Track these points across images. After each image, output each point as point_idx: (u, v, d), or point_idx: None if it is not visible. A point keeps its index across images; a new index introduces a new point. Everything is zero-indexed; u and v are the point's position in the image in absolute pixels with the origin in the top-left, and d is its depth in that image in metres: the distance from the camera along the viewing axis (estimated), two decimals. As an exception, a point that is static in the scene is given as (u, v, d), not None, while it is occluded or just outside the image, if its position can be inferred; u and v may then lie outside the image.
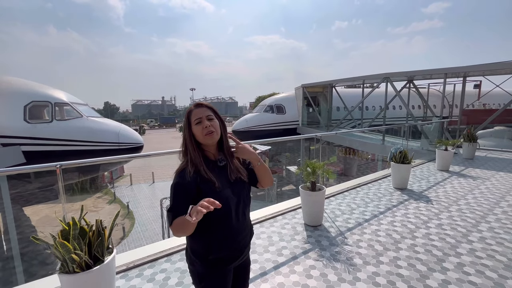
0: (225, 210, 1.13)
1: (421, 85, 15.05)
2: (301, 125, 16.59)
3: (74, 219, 1.65)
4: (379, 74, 11.64)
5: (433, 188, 4.53)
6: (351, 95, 16.88)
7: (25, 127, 7.29)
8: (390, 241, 2.75)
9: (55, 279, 2.12)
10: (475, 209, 3.58)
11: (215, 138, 1.17)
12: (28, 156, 7.41)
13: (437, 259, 2.42)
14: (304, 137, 4.19)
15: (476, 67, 9.01)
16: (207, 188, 1.12)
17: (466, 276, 2.17)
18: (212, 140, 1.17)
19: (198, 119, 1.15)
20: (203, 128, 1.14)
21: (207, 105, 1.20)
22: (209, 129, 1.14)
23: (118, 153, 8.19)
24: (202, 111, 1.17)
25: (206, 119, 1.15)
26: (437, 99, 17.69)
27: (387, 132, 10.03)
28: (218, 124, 1.19)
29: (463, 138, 6.89)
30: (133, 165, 27.53)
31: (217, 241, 1.16)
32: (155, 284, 2.14)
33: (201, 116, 1.15)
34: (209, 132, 1.14)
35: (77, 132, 7.98)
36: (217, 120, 1.19)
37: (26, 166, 2.00)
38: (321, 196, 3.12)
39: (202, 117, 1.15)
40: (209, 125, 1.15)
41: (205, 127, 1.14)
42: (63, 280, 1.56)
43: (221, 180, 1.16)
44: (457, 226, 3.07)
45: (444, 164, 5.68)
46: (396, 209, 3.62)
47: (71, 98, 8.68)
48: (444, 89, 9.43)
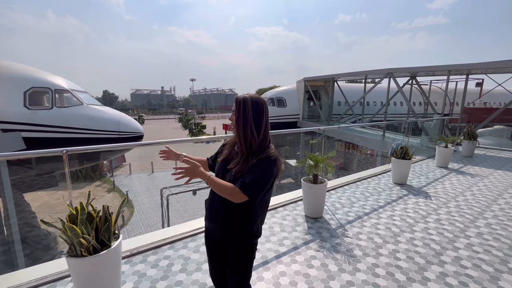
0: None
1: (422, 82, 14.98)
2: (302, 119, 16.55)
3: (82, 204, 1.66)
4: (383, 69, 11.56)
5: (432, 184, 4.58)
6: (352, 90, 16.81)
7: (26, 113, 7.23)
8: (389, 234, 2.81)
9: (62, 262, 2.16)
10: (473, 205, 3.64)
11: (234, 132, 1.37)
12: (28, 142, 7.38)
13: (435, 252, 2.47)
14: (307, 130, 4.19)
15: (480, 65, 8.96)
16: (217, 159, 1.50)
17: (463, 269, 2.22)
18: (232, 130, 1.39)
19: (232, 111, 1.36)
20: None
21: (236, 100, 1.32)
22: (232, 123, 1.37)
23: (120, 141, 8.17)
24: (234, 104, 1.33)
25: (232, 112, 1.35)
26: (438, 97, 17.66)
27: (387, 128, 10.04)
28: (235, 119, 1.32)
29: (463, 136, 6.93)
30: (132, 155, 27.54)
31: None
32: (159, 270, 2.18)
33: (233, 109, 1.35)
34: (230, 124, 1.39)
35: (78, 120, 7.93)
36: (235, 115, 1.32)
37: (32, 151, 2.00)
38: (322, 189, 3.16)
39: (232, 109, 1.35)
40: (231, 119, 1.37)
41: (230, 119, 1.40)
42: (71, 263, 1.59)
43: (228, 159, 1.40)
44: (455, 222, 3.13)
45: (443, 161, 5.73)
46: (396, 204, 3.67)
47: (71, 85, 8.57)
48: (447, 86, 9.40)
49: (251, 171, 1.25)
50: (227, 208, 1.32)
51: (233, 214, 1.33)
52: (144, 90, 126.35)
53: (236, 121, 1.30)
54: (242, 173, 1.26)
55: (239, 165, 1.29)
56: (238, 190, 1.21)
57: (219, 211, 1.36)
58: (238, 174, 1.27)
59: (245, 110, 1.28)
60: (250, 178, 1.23)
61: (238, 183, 1.23)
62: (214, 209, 1.39)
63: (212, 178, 1.25)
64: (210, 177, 1.25)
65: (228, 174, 1.34)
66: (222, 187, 1.24)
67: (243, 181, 1.23)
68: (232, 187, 1.23)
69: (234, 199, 1.22)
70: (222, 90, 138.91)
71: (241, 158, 1.30)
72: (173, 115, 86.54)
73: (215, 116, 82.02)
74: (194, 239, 2.66)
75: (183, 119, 56.24)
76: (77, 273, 1.64)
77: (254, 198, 1.24)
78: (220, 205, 1.34)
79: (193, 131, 43.85)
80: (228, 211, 1.33)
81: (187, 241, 2.61)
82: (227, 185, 1.24)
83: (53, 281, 2.02)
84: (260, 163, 1.26)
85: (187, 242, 2.59)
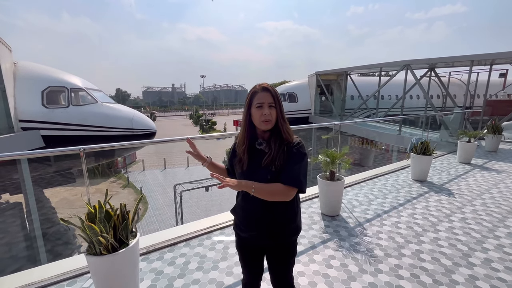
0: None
1: (441, 73, 14.33)
2: (314, 114, 16.29)
3: (100, 202, 1.66)
4: (398, 62, 11.12)
5: (454, 181, 4.37)
6: (366, 83, 16.32)
7: (43, 111, 7.46)
8: (411, 234, 2.68)
9: (81, 258, 2.19)
10: (501, 203, 3.43)
11: (269, 127, 1.20)
12: (46, 140, 7.63)
13: (463, 253, 2.34)
14: (322, 125, 4.06)
15: (505, 54, 8.45)
16: (235, 164, 1.30)
17: (494, 272, 2.08)
18: (266, 127, 1.20)
19: (260, 103, 1.17)
20: (262, 115, 1.17)
21: (272, 91, 1.18)
22: (267, 118, 1.16)
23: (133, 139, 8.31)
24: (266, 96, 1.17)
25: (268, 106, 1.17)
26: (458, 89, 16.88)
27: (404, 122, 9.69)
28: (276, 113, 1.19)
29: (486, 129, 6.58)
30: (145, 151, 28.13)
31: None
32: (176, 268, 2.17)
33: (263, 102, 1.16)
34: (267, 120, 1.17)
35: (93, 118, 8.12)
36: (276, 109, 1.19)
37: (51, 149, 2.02)
38: (340, 186, 3.05)
39: (265, 102, 1.17)
40: (268, 114, 1.16)
41: (264, 114, 1.16)
42: (91, 261, 1.59)
43: (254, 161, 1.23)
44: (482, 221, 2.95)
45: (466, 157, 5.45)
46: (416, 201, 3.51)
47: (86, 83, 8.76)
48: (469, 77, 8.92)
49: (291, 162, 1.18)
50: (270, 212, 1.23)
51: (279, 216, 1.24)
52: (156, 87, 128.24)
53: (281, 113, 1.20)
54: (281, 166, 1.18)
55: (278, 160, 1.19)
56: (288, 187, 1.15)
57: (263, 218, 1.24)
58: (278, 168, 1.18)
59: (280, 102, 1.21)
60: (293, 170, 1.16)
61: (285, 180, 1.15)
62: (254, 217, 1.27)
63: (257, 186, 1.13)
64: (255, 185, 1.13)
65: (259, 173, 1.21)
66: (272, 190, 1.15)
67: (290, 175, 1.15)
68: (282, 187, 1.15)
69: (287, 198, 1.17)
70: (232, 86, 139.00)
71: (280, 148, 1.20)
72: (183, 112, 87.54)
73: (225, 113, 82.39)
74: (209, 236, 2.63)
75: (193, 115, 56.82)
76: (97, 271, 1.65)
77: (304, 189, 1.19)
78: (262, 211, 1.23)
79: (204, 128, 44.24)
80: (271, 215, 1.23)
81: (203, 239, 2.59)
82: (277, 187, 1.15)
83: (74, 277, 2.04)
84: (296, 151, 1.19)
85: (202, 240, 2.58)
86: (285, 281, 1.35)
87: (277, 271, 1.33)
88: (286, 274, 1.34)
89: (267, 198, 1.15)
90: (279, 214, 1.23)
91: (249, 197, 1.20)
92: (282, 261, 1.31)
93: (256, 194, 1.12)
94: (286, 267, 1.33)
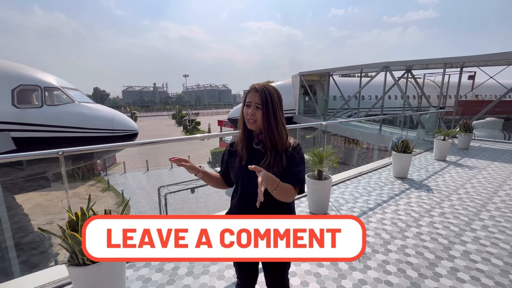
0: (235, 187, 1.30)
1: (416, 75, 15.09)
2: (298, 114, 16.51)
3: (82, 209, 1.56)
4: (379, 63, 11.55)
5: (432, 177, 4.60)
6: (348, 84, 16.80)
7: (14, 112, 6.93)
8: (396, 230, 2.78)
9: (61, 269, 2.06)
10: (475, 198, 3.65)
11: (253, 128, 1.21)
12: (18, 142, 7.12)
13: (444, 247, 2.46)
14: (308, 125, 4.12)
15: (473, 58, 9.04)
16: (231, 162, 1.31)
17: (473, 263, 2.21)
18: (251, 127, 1.21)
19: (248, 103, 1.19)
20: (247, 114, 1.19)
21: (262, 93, 1.16)
22: (252, 118, 1.18)
23: (114, 140, 7.97)
24: (254, 96, 1.18)
25: (254, 107, 1.17)
26: (432, 90, 17.84)
27: (384, 121, 10.08)
28: (262, 115, 1.17)
29: (459, 128, 6.99)
30: (127, 153, 27.12)
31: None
32: (164, 274, 2.10)
33: (251, 101, 1.18)
34: (251, 121, 1.19)
35: (69, 118, 7.66)
36: (262, 111, 1.16)
37: (26, 153, 1.87)
38: (327, 185, 3.10)
39: (252, 102, 1.18)
40: (252, 114, 1.17)
41: (249, 114, 1.18)
42: (74, 272, 1.49)
43: (252, 159, 1.22)
44: (459, 215, 3.13)
45: (442, 154, 5.76)
46: (399, 198, 3.66)
47: (62, 82, 8.26)
48: (443, 79, 9.45)
49: (294, 163, 1.20)
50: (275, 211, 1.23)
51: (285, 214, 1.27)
52: (136, 87, 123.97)
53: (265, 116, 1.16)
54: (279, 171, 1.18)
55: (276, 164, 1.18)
56: (296, 189, 1.18)
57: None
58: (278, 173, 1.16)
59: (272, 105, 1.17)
60: (299, 172, 1.19)
61: (293, 181, 1.16)
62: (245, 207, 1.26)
63: (282, 185, 1.09)
64: (281, 183, 1.08)
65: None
66: (289, 191, 1.14)
67: (296, 177, 1.17)
68: (292, 188, 1.16)
69: (292, 199, 1.19)
70: (216, 85, 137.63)
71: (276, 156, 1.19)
72: (166, 112, 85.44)
73: (209, 113, 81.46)
74: (198, 240, 2.57)
75: (176, 116, 55.61)
76: (80, 282, 1.55)
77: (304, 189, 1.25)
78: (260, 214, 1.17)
79: (188, 128, 43.42)
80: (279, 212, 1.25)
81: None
82: (289, 187, 1.15)
83: (53, 290, 1.91)
84: (297, 154, 1.22)
85: (191, 244, 2.51)
86: (282, 283, 1.34)
87: (273, 273, 1.32)
88: (282, 276, 1.33)
89: (281, 198, 1.13)
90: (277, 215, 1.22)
91: (246, 199, 1.20)
92: (278, 263, 1.30)
93: (279, 191, 1.08)
94: (282, 269, 1.32)
